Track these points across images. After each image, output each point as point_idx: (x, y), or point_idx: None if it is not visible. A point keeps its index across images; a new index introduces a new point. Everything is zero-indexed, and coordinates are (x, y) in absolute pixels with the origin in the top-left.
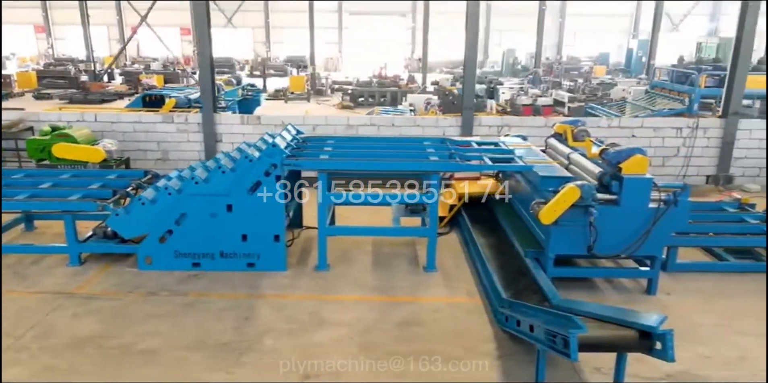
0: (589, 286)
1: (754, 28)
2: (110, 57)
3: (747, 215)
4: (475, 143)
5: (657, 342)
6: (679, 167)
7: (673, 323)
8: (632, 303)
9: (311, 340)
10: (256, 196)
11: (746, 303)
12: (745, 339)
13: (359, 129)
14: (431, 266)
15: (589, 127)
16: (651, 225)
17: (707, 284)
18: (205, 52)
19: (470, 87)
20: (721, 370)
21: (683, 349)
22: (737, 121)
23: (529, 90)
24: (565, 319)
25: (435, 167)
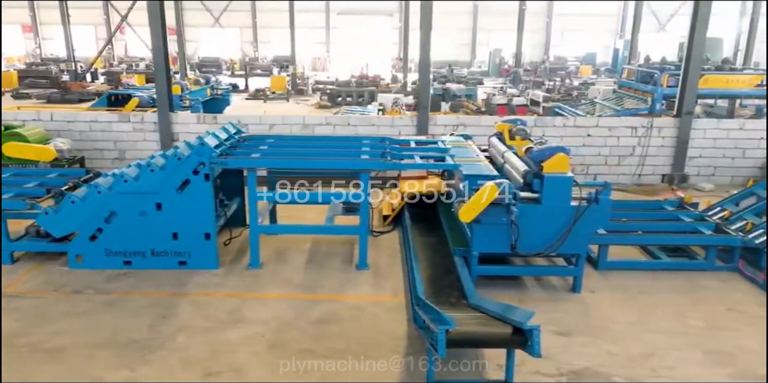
0: (518, 284)
1: (706, 28)
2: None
3: (683, 214)
4: (413, 143)
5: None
6: (634, 166)
7: (589, 320)
8: (554, 301)
9: (223, 338)
10: (186, 194)
11: (668, 301)
12: (656, 336)
13: (315, 128)
14: (363, 265)
15: (545, 126)
16: (572, 223)
17: (635, 282)
18: (160, 52)
19: (426, 87)
20: (623, 367)
21: (592, 346)
22: (691, 120)
23: (507, 90)
24: (437, 315)
25: (361, 165)
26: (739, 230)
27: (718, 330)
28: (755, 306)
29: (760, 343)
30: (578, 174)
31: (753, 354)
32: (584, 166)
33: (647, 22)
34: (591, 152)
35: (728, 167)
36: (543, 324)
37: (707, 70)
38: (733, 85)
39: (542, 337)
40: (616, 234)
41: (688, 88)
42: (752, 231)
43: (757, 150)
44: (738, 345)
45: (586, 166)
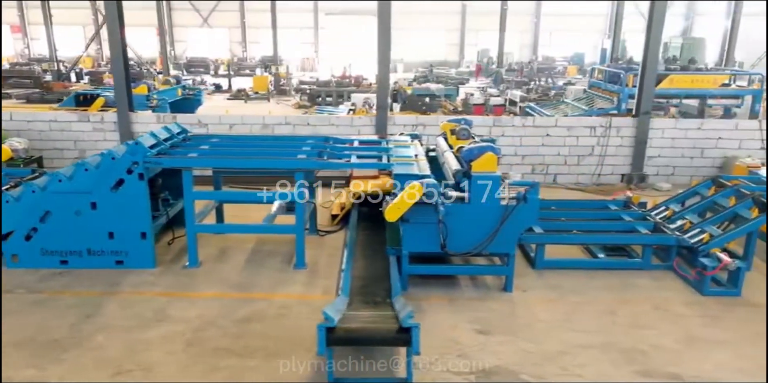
0: (453, 283)
1: (661, 28)
2: (87, 57)
3: (626, 214)
4: (357, 142)
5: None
6: (594, 165)
7: (513, 319)
8: (484, 300)
9: (143, 337)
10: (120, 193)
11: (597, 300)
12: (576, 334)
13: (274, 128)
14: (300, 264)
15: (504, 126)
16: (500, 223)
17: (569, 281)
18: (118, 52)
19: (384, 87)
20: (534, 366)
21: (509, 344)
22: (648, 120)
23: (487, 89)
24: (324, 313)
25: (294, 164)
26: (678, 229)
27: (638, 329)
28: (681, 304)
29: (676, 341)
30: (537, 174)
31: (665, 352)
32: (544, 166)
33: (636, 22)
34: (550, 152)
35: (687, 166)
36: (466, 322)
37: (673, 70)
38: (698, 85)
39: (462, 335)
40: (552, 233)
41: (645, 89)
42: (690, 230)
43: (715, 149)
44: (654, 343)
45: (546, 166)
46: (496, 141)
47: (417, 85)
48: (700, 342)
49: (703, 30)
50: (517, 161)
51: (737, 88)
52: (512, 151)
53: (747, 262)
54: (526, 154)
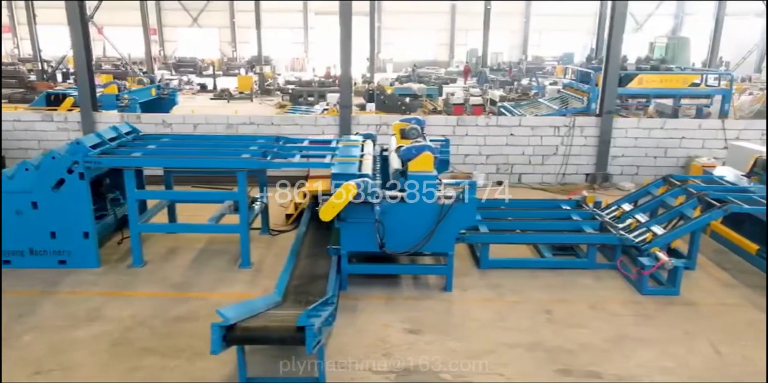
0: (395, 283)
1: (623, 28)
2: None
3: (576, 213)
4: (308, 142)
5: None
6: (558, 165)
7: (447, 318)
8: (421, 300)
9: (70, 336)
10: (61, 193)
11: (534, 299)
12: (507, 333)
13: (239, 128)
14: (245, 263)
15: (467, 125)
16: (437, 222)
17: (511, 281)
18: (81, 51)
19: (347, 87)
20: (457, 365)
21: (436, 344)
22: (611, 120)
23: (470, 89)
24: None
25: (235, 164)
26: (625, 228)
27: (570, 328)
28: (618, 303)
29: (604, 340)
30: (502, 173)
31: (591, 351)
32: (508, 165)
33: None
34: (515, 151)
35: (651, 166)
36: (399, 322)
37: (643, 69)
38: (668, 85)
39: (392, 335)
40: (496, 233)
41: (607, 88)
42: (635, 230)
43: (678, 149)
44: (582, 342)
45: (511, 165)
46: (449, 141)
47: (399, 84)
48: (629, 341)
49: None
50: (482, 161)
51: (706, 87)
52: (476, 150)
53: (691, 261)
54: (490, 154)
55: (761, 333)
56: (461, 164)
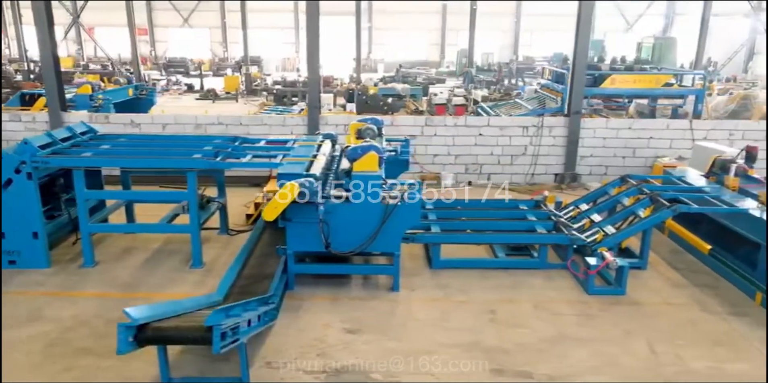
0: (344, 283)
1: (589, 28)
2: (67, 57)
3: (532, 213)
4: (264, 142)
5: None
6: (527, 165)
7: (389, 318)
8: (367, 300)
9: (7, 337)
10: (9, 193)
11: (480, 299)
12: (448, 333)
13: (207, 128)
14: (197, 263)
15: (436, 126)
16: (382, 222)
17: (460, 281)
18: (47, 52)
19: (314, 87)
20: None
21: (373, 344)
22: (579, 120)
23: (455, 90)
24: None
25: (185, 164)
26: (579, 228)
27: (511, 327)
28: (564, 303)
29: (542, 340)
30: (471, 173)
31: (527, 351)
32: (477, 165)
33: (616, 22)
34: (483, 151)
35: (619, 166)
36: (340, 322)
37: (616, 70)
38: (640, 85)
39: (331, 335)
40: (448, 233)
41: (575, 89)
42: (588, 230)
43: (646, 149)
44: (520, 341)
45: (480, 165)
46: (409, 141)
47: (383, 85)
48: (566, 341)
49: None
50: (450, 161)
51: (679, 88)
52: (445, 151)
53: (642, 261)
54: (459, 154)
55: (700, 332)
56: (430, 164)
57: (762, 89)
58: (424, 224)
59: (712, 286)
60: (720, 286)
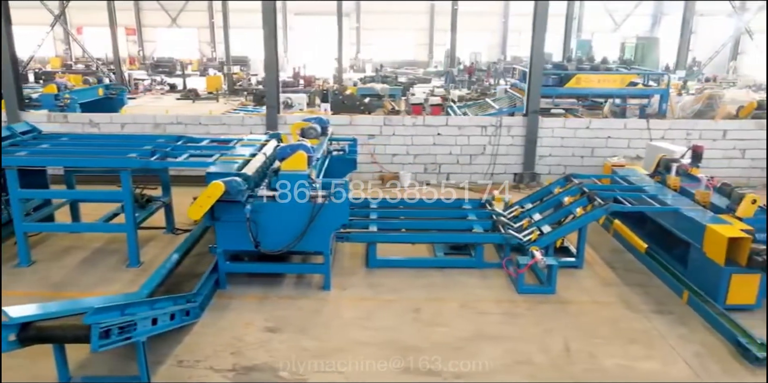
0: (277, 281)
1: (545, 28)
2: (56, 58)
3: (474, 212)
4: (208, 141)
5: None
6: (486, 165)
7: (313, 317)
8: (296, 298)
9: None
10: None
11: (409, 298)
12: (366, 332)
13: (166, 127)
14: (133, 262)
15: (394, 125)
16: (309, 221)
17: (393, 280)
18: (5, 50)
19: (272, 87)
20: (300, 363)
21: (290, 342)
22: (537, 119)
23: (435, 89)
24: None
25: (117, 163)
26: (519, 227)
27: (432, 326)
28: (491, 302)
29: (459, 339)
30: (430, 173)
31: (442, 350)
32: (436, 165)
33: (604, 22)
34: (442, 151)
35: (578, 165)
36: (264, 320)
37: (582, 69)
38: (605, 85)
39: (250, 334)
40: (383, 232)
41: (532, 88)
42: (527, 229)
43: (605, 149)
44: (437, 340)
45: (438, 165)
46: (357, 141)
47: (362, 84)
48: (483, 340)
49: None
50: (410, 161)
51: (643, 87)
52: (404, 150)
53: (578, 260)
54: (418, 153)
55: (619, 330)
56: (389, 164)
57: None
58: (363, 223)
59: (644, 285)
60: (652, 285)
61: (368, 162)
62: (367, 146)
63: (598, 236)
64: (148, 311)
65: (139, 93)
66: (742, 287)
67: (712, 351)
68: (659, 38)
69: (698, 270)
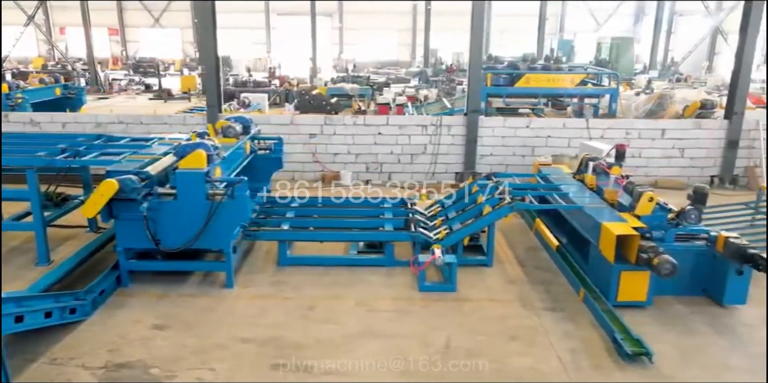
0: (182, 279)
1: (482, 28)
2: (39, 58)
3: (390, 211)
4: (127, 140)
5: None
6: (427, 164)
7: (204, 315)
8: (195, 296)
9: None
10: None
11: (308, 296)
12: (253, 329)
13: (108, 127)
14: (42, 261)
15: (335, 125)
16: (207, 219)
17: (299, 278)
18: None
19: (212, 85)
20: (175, 360)
21: (173, 339)
22: (478, 119)
23: (405, 90)
24: None
25: (23, 162)
26: (433, 226)
27: (321, 324)
28: (388, 300)
29: (343, 336)
30: (372, 172)
31: (321, 346)
32: (378, 164)
33: (586, 22)
34: (383, 150)
35: (520, 164)
36: (154, 318)
37: (533, 69)
38: (555, 84)
39: (135, 331)
40: (293, 231)
41: (472, 88)
42: (440, 227)
43: (545, 148)
44: (321, 337)
45: (380, 164)
46: (283, 140)
47: (332, 84)
48: (367, 337)
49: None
50: (351, 160)
51: (593, 87)
52: (345, 149)
53: (487, 258)
54: (359, 152)
55: (507, 327)
56: (331, 164)
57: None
58: (277, 221)
59: (549, 282)
60: (556, 283)
61: (310, 162)
62: (308, 146)
63: (522, 235)
64: (13, 308)
65: (113, 93)
66: (632, 284)
67: (589, 348)
68: (633, 38)
69: (596, 268)
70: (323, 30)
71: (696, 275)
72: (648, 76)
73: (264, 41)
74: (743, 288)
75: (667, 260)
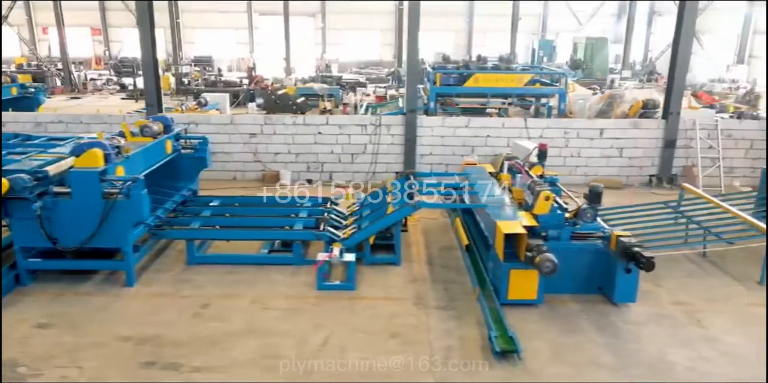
0: (84, 278)
1: (417, 28)
2: (22, 57)
3: (306, 210)
4: (44, 139)
5: None
6: (368, 163)
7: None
8: (94, 295)
9: None
10: None
11: (206, 295)
12: (136, 328)
13: (48, 126)
14: None
15: (275, 124)
16: (102, 218)
17: (204, 277)
18: None
19: (151, 85)
20: (48, 358)
21: (53, 337)
22: (416, 118)
23: (376, 89)
24: None
25: None
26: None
27: (208, 321)
28: (283, 298)
29: (225, 333)
30: (313, 172)
31: (197, 344)
32: (319, 164)
33: (568, 22)
34: (324, 150)
35: (458, 164)
36: (41, 317)
37: (483, 69)
38: (503, 84)
39: (17, 330)
40: (200, 230)
41: (409, 87)
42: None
43: (485, 147)
44: (201, 335)
45: (321, 164)
46: (208, 140)
47: (301, 85)
48: (248, 335)
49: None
50: (291, 159)
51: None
52: (285, 149)
53: (395, 256)
54: (299, 152)
55: (391, 325)
56: (271, 163)
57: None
58: (188, 220)
59: (451, 281)
60: (459, 281)
61: (251, 161)
62: (249, 146)
63: (443, 234)
64: None
65: (87, 93)
66: (522, 282)
67: (465, 346)
68: (608, 38)
69: (493, 266)
70: (306, 30)
71: (592, 273)
72: (615, 77)
73: (247, 41)
74: (632, 286)
75: (547, 259)
